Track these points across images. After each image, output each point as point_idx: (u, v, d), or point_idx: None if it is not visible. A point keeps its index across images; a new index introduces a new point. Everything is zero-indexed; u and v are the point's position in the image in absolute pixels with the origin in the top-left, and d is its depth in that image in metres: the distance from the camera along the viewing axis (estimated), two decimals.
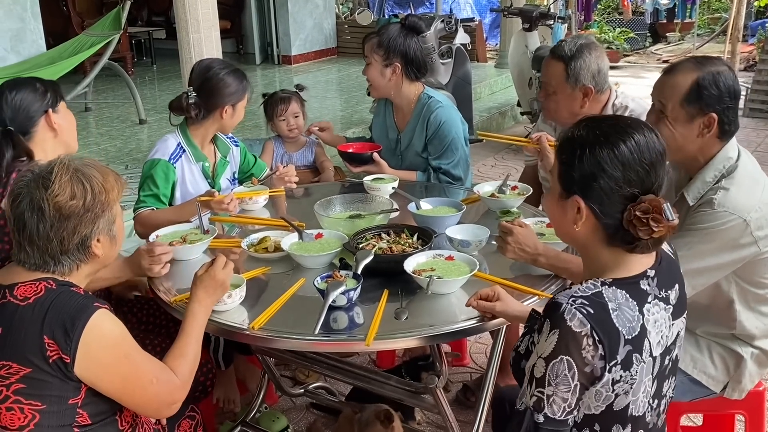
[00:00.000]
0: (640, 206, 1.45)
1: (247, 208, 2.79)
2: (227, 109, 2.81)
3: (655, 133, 1.51)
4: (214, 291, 1.91)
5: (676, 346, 1.61)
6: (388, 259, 2.19)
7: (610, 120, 1.57)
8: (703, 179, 2.10)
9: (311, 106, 6.94)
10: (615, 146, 1.46)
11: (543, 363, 1.44)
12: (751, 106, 7.91)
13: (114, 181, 1.76)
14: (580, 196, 1.51)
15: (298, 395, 2.98)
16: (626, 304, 1.46)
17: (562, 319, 1.41)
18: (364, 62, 3.16)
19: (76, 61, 6.16)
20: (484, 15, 11.62)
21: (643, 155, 1.46)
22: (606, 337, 1.41)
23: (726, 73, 2.06)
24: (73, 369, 1.60)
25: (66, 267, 1.71)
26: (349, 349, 2.21)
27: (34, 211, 1.65)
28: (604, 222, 1.50)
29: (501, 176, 2.83)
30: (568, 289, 1.49)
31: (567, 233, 1.60)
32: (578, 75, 2.68)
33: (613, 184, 1.46)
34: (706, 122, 2.05)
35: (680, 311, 1.61)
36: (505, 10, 7.13)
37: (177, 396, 1.78)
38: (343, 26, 10.20)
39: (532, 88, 6.65)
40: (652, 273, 1.54)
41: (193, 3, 4.36)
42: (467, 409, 2.97)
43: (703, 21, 12.81)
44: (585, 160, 1.48)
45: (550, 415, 1.44)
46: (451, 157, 3.11)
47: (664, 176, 1.51)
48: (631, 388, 1.47)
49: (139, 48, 9.93)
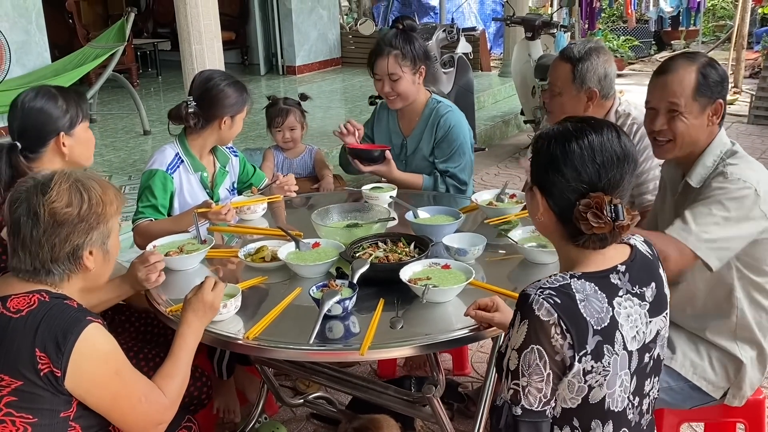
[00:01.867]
0: (583, 201, 1.50)
1: (246, 218, 2.80)
2: (226, 120, 2.82)
3: (618, 134, 1.55)
4: (204, 314, 1.91)
5: (657, 345, 1.63)
6: (384, 268, 2.18)
7: (578, 120, 1.62)
8: (704, 164, 2.15)
9: (315, 116, 6.99)
10: (568, 142, 1.53)
11: (516, 354, 1.48)
12: (756, 113, 7.87)
13: (114, 196, 1.76)
14: (537, 188, 1.59)
15: (297, 405, 2.97)
16: (594, 295, 1.50)
17: (531, 309, 1.46)
18: (381, 80, 3.13)
19: (80, 72, 6.20)
20: (488, 24, 11.64)
21: (594, 154, 1.52)
22: (573, 327, 1.45)
23: (712, 60, 2.17)
24: (63, 383, 1.60)
25: (56, 276, 1.70)
26: (344, 358, 2.20)
27: (29, 215, 1.66)
28: (558, 215, 1.56)
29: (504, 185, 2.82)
30: (537, 281, 1.53)
31: (536, 223, 1.67)
32: (584, 77, 2.68)
33: (562, 178, 1.53)
34: (716, 108, 2.13)
35: (659, 309, 1.63)
36: (507, 19, 7.14)
37: (165, 416, 1.78)
38: (347, 37, 10.22)
39: (535, 97, 6.64)
40: (623, 268, 1.57)
41: (195, 14, 4.38)
42: (468, 418, 2.95)
43: (708, 28, 12.79)
44: (542, 155, 1.57)
45: (527, 406, 1.48)
46: (459, 161, 3.14)
47: (622, 177, 1.53)
48: (605, 380, 1.50)
49: (144, 59, 9.98)
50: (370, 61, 3.18)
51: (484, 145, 6.67)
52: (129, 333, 2.57)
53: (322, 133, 6.52)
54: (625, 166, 1.54)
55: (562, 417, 1.53)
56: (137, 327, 2.61)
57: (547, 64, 6.29)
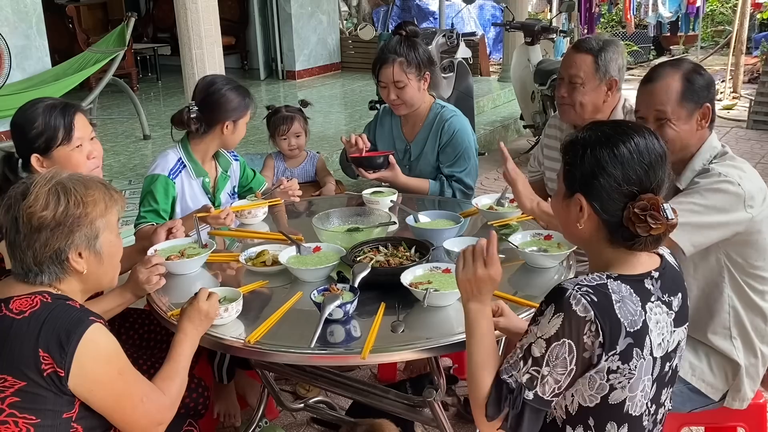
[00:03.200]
0: (638, 204, 1.50)
1: (247, 222, 2.80)
2: (228, 125, 2.82)
3: (655, 135, 1.58)
4: (199, 323, 1.92)
5: (677, 356, 1.64)
6: (385, 272, 2.19)
7: (612, 123, 1.66)
8: (692, 168, 2.19)
9: (315, 121, 6.99)
10: (615, 146, 1.54)
11: (543, 343, 1.48)
12: (755, 118, 7.87)
13: (100, 195, 1.73)
14: (582, 194, 1.57)
15: (298, 410, 2.97)
16: (630, 298, 1.51)
17: (568, 303, 1.46)
18: (386, 87, 3.12)
19: (80, 77, 6.21)
20: (487, 29, 11.65)
21: (642, 155, 1.53)
22: (607, 326, 1.45)
23: (699, 66, 2.21)
24: (67, 383, 1.60)
25: (46, 277, 1.70)
26: (345, 362, 2.20)
27: (12, 221, 1.67)
28: (605, 219, 1.56)
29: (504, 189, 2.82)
30: (574, 278, 1.53)
31: (572, 233, 1.66)
32: (608, 66, 2.70)
33: (613, 182, 1.53)
34: (703, 113, 2.16)
35: (682, 320, 1.64)
36: (507, 24, 7.15)
37: (166, 416, 1.79)
38: (347, 41, 10.23)
39: (535, 102, 6.65)
40: (656, 275, 1.59)
41: (195, 19, 4.39)
42: (468, 423, 2.95)
43: (707, 34, 12.80)
44: (586, 160, 1.56)
45: (540, 394, 1.48)
46: (464, 165, 3.16)
47: (665, 178, 1.57)
48: (629, 383, 1.50)
49: (144, 64, 9.98)
50: (375, 68, 3.17)
51: (484, 150, 6.67)
52: (133, 339, 2.57)
53: (323, 138, 6.53)
54: (666, 166, 1.56)
55: (578, 415, 1.53)
56: (141, 334, 2.60)
57: (547, 69, 6.35)
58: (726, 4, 12.78)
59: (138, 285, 2.16)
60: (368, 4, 11.49)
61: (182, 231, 2.52)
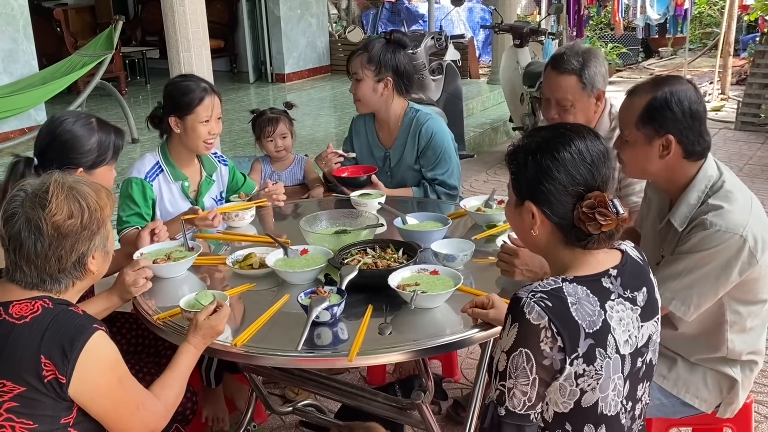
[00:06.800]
0: (586, 203, 1.52)
1: (234, 225, 2.78)
2: (174, 120, 2.77)
3: (595, 134, 1.59)
4: (211, 338, 1.93)
5: (649, 350, 1.63)
6: (372, 274, 2.18)
7: (551, 128, 1.65)
8: (688, 202, 2.06)
9: (304, 124, 6.99)
10: (555, 150, 1.55)
11: (505, 357, 1.49)
12: (743, 119, 7.92)
13: (106, 197, 1.78)
14: (531, 201, 1.58)
15: (286, 413, 2.96)
16: (586, 299, 1.51)
17: (522, 312, 1.47)
18: (351, 79, 3.16)
19: (68, 81, 6.18)
20: (476, 32, 11.67)
21: (583, 155, 1.54)
22: (565, 330, 1.45)
23: (683, 92, 2.01)
24: (67, 390, 1.60)
25: (63, 285, 1.72)
26: (332, 365, 2.19)
27: (31, 230, 1.65)
28: (557, 223, 1.57)
29: (492, 191, 2.82)
30: (529, 285, 1.53)
31: (528, 241, 1.67)
32: (593, 81, 2.69)
33: (559, 185, 1.54)
34: (664, 143, 2.02)
35: (650, 314, 1.63)
36: (496, 26, 7.16)
37: (160, 424, 1.80)
38: (336, 44, 10.23)
39: (524, 104, 6.67)
40: (615, 272, 1.58)
41: (183, 22, 4.38)
42: (458, 425, 2.95)
43: (695, 36, 12.87)
44: (529, 167, 1.57)
45: (510, 408, 1.49)
46: (445, 167, 3.14)
47: (609, 174, 1.58)
48: (598, 384, 1.50)
49: (132, 67, 9.95)
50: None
51: (473, 152, 6.69)
52: (121, 344, 2.54)
53: (312, 141, 6.52)
54: (609, 162, 1.57)
55: (555, 421, 1.53)
56: (129, 339, 2.59)
57: (536, 71, 6.36)
58: (714, 7, 12.84)
59: (125, 288, 2.16)
60: (357, 6, 11.49)
61: (165, 231, 2.50)
